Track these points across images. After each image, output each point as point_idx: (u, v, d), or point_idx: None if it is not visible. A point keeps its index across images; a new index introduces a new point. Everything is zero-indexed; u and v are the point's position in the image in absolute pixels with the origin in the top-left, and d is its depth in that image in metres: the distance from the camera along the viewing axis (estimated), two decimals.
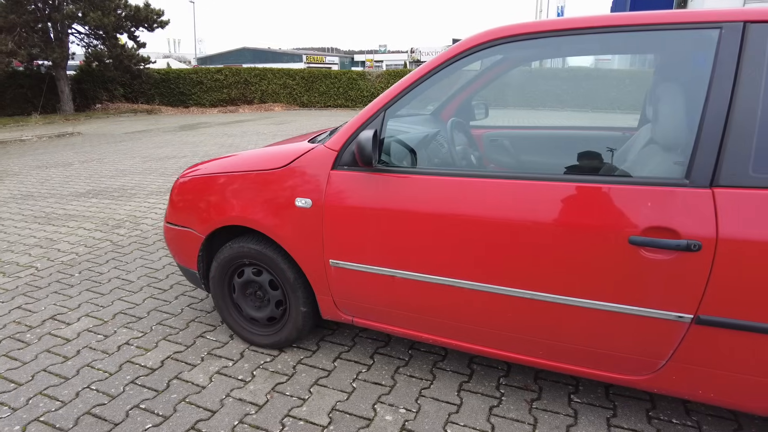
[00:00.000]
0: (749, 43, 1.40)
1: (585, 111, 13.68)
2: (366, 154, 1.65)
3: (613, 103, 13.37)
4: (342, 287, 1.97)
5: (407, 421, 1.82)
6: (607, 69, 15.86)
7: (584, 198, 1.52)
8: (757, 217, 1.35)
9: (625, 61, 15.15)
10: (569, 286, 1.57)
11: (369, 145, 1.64)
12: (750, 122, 1.37)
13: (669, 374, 1.57)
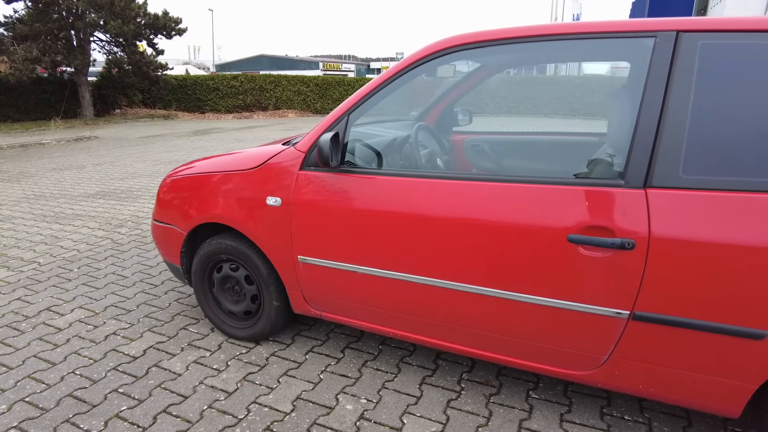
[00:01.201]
0: (681, 52, 1.46)
1: (587, 117, 13.68)
2: (324, 155, 1.76)
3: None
4: (310, 282, 2.07)
5: (366, 411, 1.90)
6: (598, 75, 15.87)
7: (527, 198, 1.60)
8: (687, 216, 1.41)
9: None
10: (514, 282, 1.64)
11: (327, 147, 1.74)
12: (680, 126, 1.44)
13: (611, 369, 1.62)
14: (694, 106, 1.43)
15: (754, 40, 1.41)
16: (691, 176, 1.42)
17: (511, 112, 12.88)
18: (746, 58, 1.41)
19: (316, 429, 1.80)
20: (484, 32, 1.73)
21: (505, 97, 12.92)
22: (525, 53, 1.88)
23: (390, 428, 1.81)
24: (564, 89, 15.73)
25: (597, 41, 1.61)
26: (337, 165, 1.85)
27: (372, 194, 1.82)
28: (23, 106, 15.94)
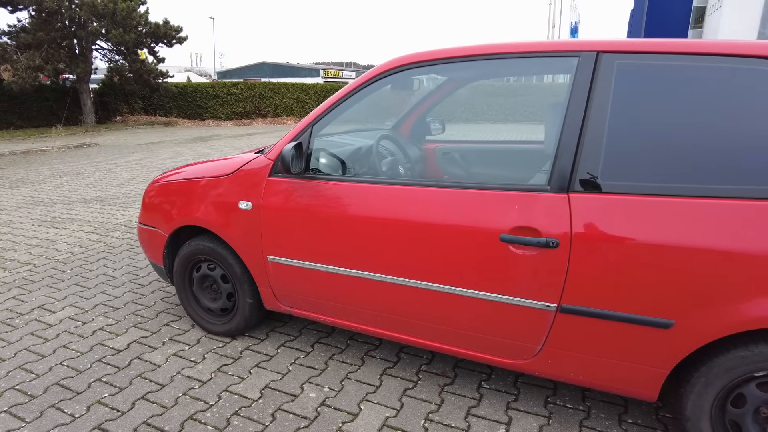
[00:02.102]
0: (600, 70, 1.64)
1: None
2: (286, 163, 1.93)
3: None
4: (279, 280, 2.24)
5: (327, 398, 2.06)
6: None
7: (467, 202, 1.77)
8: (604, 217, 1.58)
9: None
10: (457, 278, 1.80)
11: (288, 155, 1.92)
12: (599, 136, 1.60)
13: (545, 358, 1.78)
14: (611, 118, 1.60)
15: (662, 60, 1.58)
16: (609, 181, 1.59)
17: (481, 119, 13.16)
18: (654, 76, 1.58)
19: (280, 414, 1.96)
20: (433, 51, 1.91)
21: (474, 106, 13.19)
22: (471, 70, 2.05)
23: (347, 413, 1.97)
24: (532, 97, 15.86)
25: (531, 60, 1.79)
26: (300, 172, 2.02)
27: (331, 199, 1.99)
28: (26, 113, 16.21)
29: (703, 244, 1.47)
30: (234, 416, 1.95)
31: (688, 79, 1.56)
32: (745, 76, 1.50)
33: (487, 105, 13.98)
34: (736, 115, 1.51)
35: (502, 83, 14.50)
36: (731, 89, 1.51)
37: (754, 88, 1.49)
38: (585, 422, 1.92)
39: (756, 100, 1.49)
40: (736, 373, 1.53)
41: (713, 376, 1.56)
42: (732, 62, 1.51)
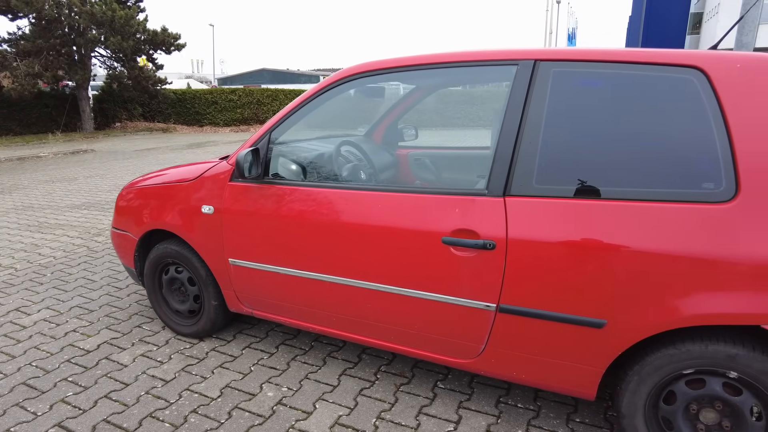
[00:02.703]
0: (537, 78, 1.70)
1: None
2: (240, 168, 2.00)
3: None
4: (240, 283, 2.30)
5: (285, 397, 2.11)
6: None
7: (412, 205, 1.83)
8: (539, 220, 1.64)
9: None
10: (403, 278, 1.86)
11: (242, 160, 1.99)
12: (534, 142, 1.67)
13: (489, 358, 1.83)
14: (546, 124, 1.67)
15: (593, 68, 1.64)
16: (543, 186, 1.65)
17: (454, 126, 13.24)
18: (585, 84, 1.65)
19: (236, 412, 2.02)
20: (384, 61, 1.98)
21: (445, 113, 13.28)
22: (419, 79, 2.12)
23: (302, 412, 2.02)
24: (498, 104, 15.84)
25: (474, 68, 1.86)
26: (257, 176, 2.09)
27: (286, 203, 2.06)
28: (25, 119, 16.37)
29: (630, 245, 1.53)
30: (192, 414, 2.01)
31: (616, 86, 1.62)
32: (668, 84, 1.56)
33: (459, 112, 14.05)
34: (659, 120, 1.57)
35: (471, 91, 14.55)
36: (654, 96, 1.57)
37: (675, 95, 1.55)
38: (533, 421, 1.97)
39: (676, 108, 1.55)
40: (666, 371, 1.59)
41: (645, 374, 1.61)
42: (655, 70, 1.58)
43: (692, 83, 1.54)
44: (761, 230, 1.42)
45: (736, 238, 1.44)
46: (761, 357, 1.47)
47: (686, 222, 1.48)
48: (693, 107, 1.53)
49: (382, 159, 3.09)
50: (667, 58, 1.57)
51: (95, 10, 14.93)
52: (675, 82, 1.56)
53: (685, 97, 1.54)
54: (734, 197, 1.45)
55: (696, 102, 1.52)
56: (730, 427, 1.58)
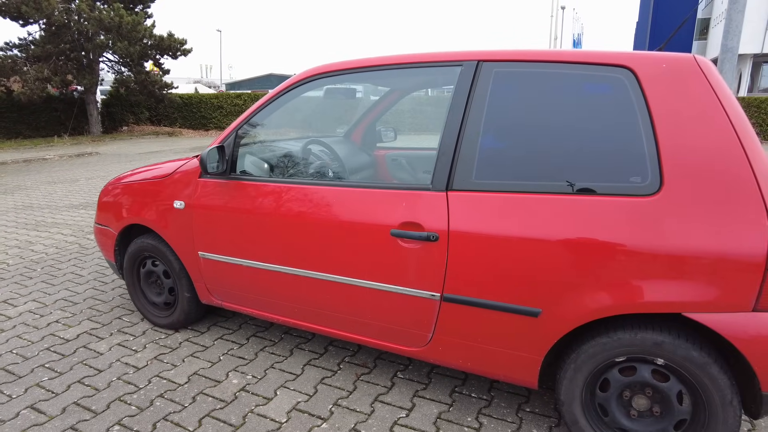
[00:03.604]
0: (479, 78, 1.79)
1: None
2: (203, 164, 2.11)
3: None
4: (209, 275, 2.40)
5: (248, 384, 2.20)
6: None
7: (365, 200, 1.91)
8: (477, 213, 1.72)
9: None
10: (356, 269, 1.95)
11: (205, 157, 2.10)
12: (475, 139, 1.75)
13: (437, 346, 1.91)
14: (486, 122, 1.75)
15: (531, 68, 1.73)
16: (482, 180, 1.73)
17: (428, 130, 13.32)
18: (524, 82, 1.73)
19: (200, 397, 2.11)
20: (340, 63, 2.08)
21: (420, 116, 13.38)
22: (373, 80, 2.21)
23: (263, 398, 2.11)
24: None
25: (422, 69, 1.95)
26: (221, 172, 2.19)
27: (249, 197, 2.15)
28: (34, 123, 16.67)
29: (562, 237, 1.60)
30: (158, 398, 2.10)
31: (552, 85, 1.70)
32: (600, 83, 1.64)
33: (432, 114, 14.19)
34: (592, 117, 1.64)
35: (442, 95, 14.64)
36: (587, 95, 1.65)
37: (606, 93, 1.63)
38: (484, 410, 2.04)
39: (607, 105, 1.62)
40: (599, 359, 1.65)
41: (581, 362, 1.68)
42: (589, 70, 1.65)
43: (622, 82, 1.61)
44: (682, 222, 1.49)
45: (659, 230, 1.51)
46: (685, 344, 1.53)
47: (615, 214, 1.56)
48: (623, 105, 1.60)
49: (359, 158, 3.18)
50: (600, 58, 1.65)
51: (103, 16, 15.21)
52: (607, 81, 1.64)
53: (616, 95, 1.62)
54: (658, 190, 1.53)
55: (625, 100, 1.60)
56: (659, 412, 1.64)
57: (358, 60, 2.04)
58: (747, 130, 1.50)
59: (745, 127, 1.50)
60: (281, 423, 1.95)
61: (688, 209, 1.49)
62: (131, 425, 1.93)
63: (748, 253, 1.43)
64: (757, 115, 16.02)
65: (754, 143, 1.49)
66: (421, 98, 13.71)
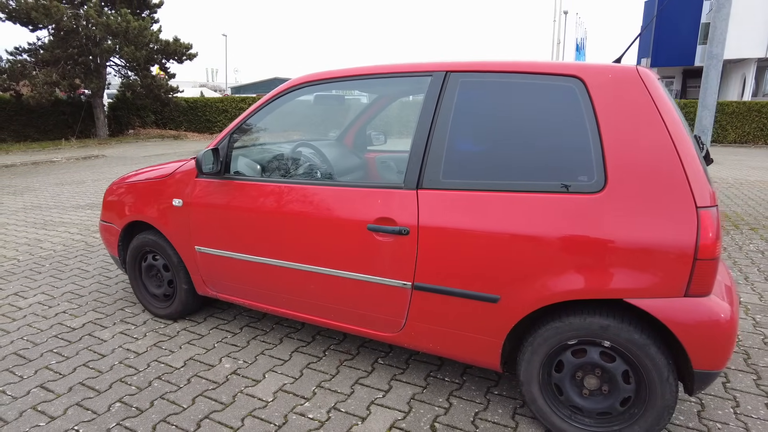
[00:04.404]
0: (447, 87, 1.97)
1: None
2: (198, 165, 2.30)
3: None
4: (205, 268, 2.59)
5: (239, 368, 2.39)
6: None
7: (345, 198, 2.10)
8: (444, 209, 1.90)
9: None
10: (337, 261, 2.13)
11: (200, 158, 2.29)
12: (442, 142, 1.93)
13: (410, 331, 2.09)
14: (452, 127, 1.93)
15: (495, 78, 1.91)
16: (449, 180, 1.91)
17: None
18: (485, 91, 1.91)
19: (194, 379, 2.29)
20: (323, 72, 2.27)
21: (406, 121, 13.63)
22: (356, 88, 2.39)
23: (251, 380, 2.29)
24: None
25: (399, 78, 2.14)
26: (216, 172, 2.38)
27: (241, 195, 2.34)
28: (43, 126, 17.00)
29: (518, 230, 1.78)
30: (156, 380, 2.29)
31: (511, 93, 1.88)
32: (554, 91, 1.82)
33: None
34: (546, 122, 1.82)
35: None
36: (542, 102, 1.83)
37: (559, 101, 1.80)
38: (455, 392, 2.21)
39: (560, 112, 1.80)
40: (553, 342, 1.83)
41: (537, 345, 1.85)
42: (544, 79, 1.83)
43: (573, 90, 1.79)
44: (623, 217, 1.66)
45: (603, 224, 1.68)
46: (628, 327, 1.70)
47: (564, 210, 1.73)
48: (573, 111, 1.78)
49: (349, 161, 3.37)
50: (554, 69, 1.83)
51: (110, 21, 15.53)
52: (559, 89, 1.81)
53: (567, 103, 1.79)
54: (603, 188, 1.70)
55: (575, 107, 1.78)
56: (608, 390, 1.81)
57: (341, 70, 2.23)
58: (681, 134, 1.67)
59: (679, 130, 1.67)
60: (267, 402, 2.13)
61: (628, 205, 1.66)
62: (131, 402, 2.12)
63: (680, 245, 1.60)
64: (758, 120, 16.11)
65: (687, 145, 1.66)
66: (411, 104, 13.95)
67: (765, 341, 2.69)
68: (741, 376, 2.36)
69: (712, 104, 5.41)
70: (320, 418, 2.02)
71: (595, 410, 1.83)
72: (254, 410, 2.07)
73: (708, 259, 1.60)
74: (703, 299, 1.64)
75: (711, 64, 5.36)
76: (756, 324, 2.90)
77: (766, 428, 1.98)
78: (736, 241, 4.65)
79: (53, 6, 14.64)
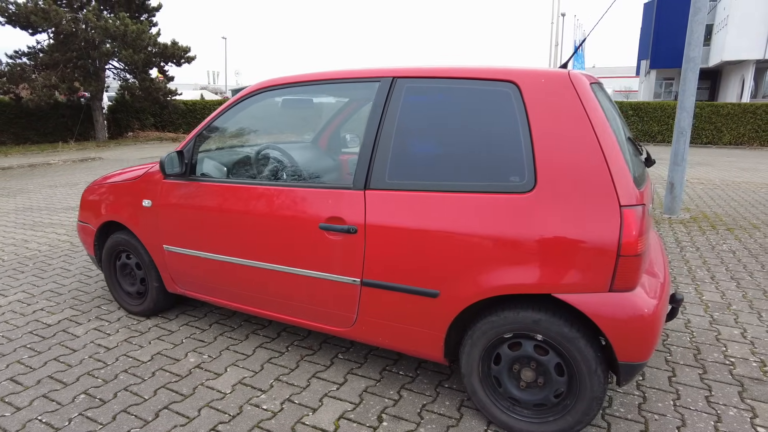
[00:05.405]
0: (393, 92, 2.06)
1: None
2: (162, 167, 2.40)
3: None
4: (173, 266, 2.68)
5: (203, 363, 2.48)
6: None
7: (299, 198, 2.19)
8: (388, 209, 1.99)
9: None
10: (291, 259, 2.22)
11: (163, 160, 2.39)
12: (388, 145, 2.02)
13: (361, 326, 2.17)
14: (397, 130, 2.02)
15: (437, 84, 2.00)
16: (394, 180, 2.00)
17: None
18: (431, 96, 2.00)
19: (159, 372, 2.39)
20: (283, 78, 2.37)
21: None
22: (313, 93, 2.49)
23: (214, 373, 2.38)
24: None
25: (351, 84, 2.23)
26: (180, 174, 2.48)
27: (203, 196, 2.44)
28: (42, 129, 17.18)
29: (455, 228, 1.87)
30: (122, 373, 2.38)
31: (450, 98, 1.97)
32: (490, 95, 1.90)
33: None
34: (482, 125, 1.91)
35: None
36: (479, 106, 1.92)
37: (495, 105, 1.89)
38: (407, 385, 2.30)
39: (495, 115, 1.89)
40: (491, 335, 1.91)
41: (476, 338, 1.94)
42: (481, 84, 1.92)
43: (508, 95, 1.88)
44: (551, 215, 1.75)
45: (532, 222, 1.77)
46: (558, 321, 1.79)
47: (497, 209, 1.82)
48: (508, 114, 1.87)
49: (322, 163, 3.46)
50: (491, 74, 1.92)
51: (109, 25, 15.70)
52: (496, 94, 1.90)
53: (502, 106, 1.88)
54: (533, 188, 1.79)
55: (510, 110, 1.87)
56: (543, 383, 1.89)
57: (297, 75, 2.32)
58: (607, 136, 1.75)
59: (605, 133, 1.76)
60: (225, 393, 2.22)
61: (556, 204, 1.75)
62: (95, 394, 2.21)
63: (603, 242, 1.69)
64: (753, 121, 16.14)
65: (613, 147, 1.74)
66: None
67: (718, 338, 2.77)
68: (688, 370, 2.44)
69: (690, 106, 5.48)
70: (273, 409, 2.11)
71: (532, 402, 1.92)
72: (212, 401, 2.16)
73: (631, 256, 1.68)
74: (627, 294, 1.72)
75: (688, 67, 5.44)
76: (713, 321, 2.98)
77: (701, 419, 2.06)
78: (711, 241, 4.72)
79: (52, 10, 14.81)
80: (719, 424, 2.02)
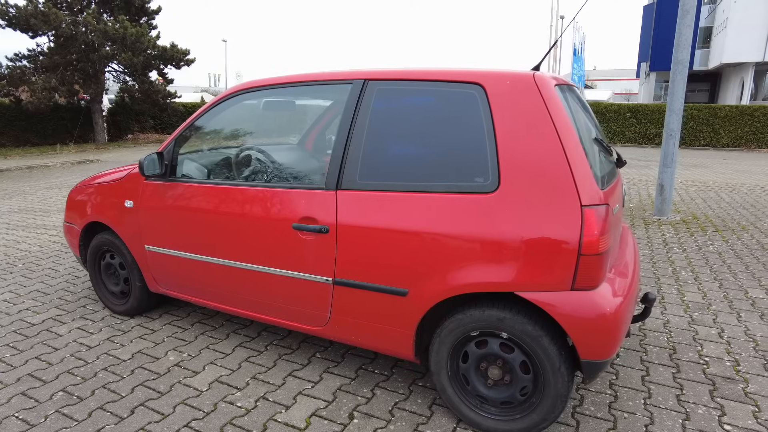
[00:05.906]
0: (365, 94, 2.10)
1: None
2: (141, 169, 2.44)
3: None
4: (154, 266, 2.72)
5: (182, 361, 2.51)
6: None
7: (273, 198, 2.23)
8: (359, 209, 2.02)
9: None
10: (266, 258, 2.25)
11: (142, 162, 2.43)
12: (359, 146, 2.06)
13: (334, 324, 2.21)
14: (369, 131, 2.06)
15: (407, 86, 2.03)
16: (364, 181, 2.03)
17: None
18: (401, 98, 2.04)
19: (138, 370, 2.42)
20: (259, 80, 2.41)
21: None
22: (288, 95, 2.52)
23: (192, 371, 2.41)
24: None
25: (324, 86, 2.27)
26: (159, 175, 2.52)
27: (182, 197, 2.48)
28: (42, 131, 17.28)
29: (422, 228, 1.90)
30: (102, 371, 2.42)
31: (419, 100, 2.00)
32: (456, 97, 1.94)
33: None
34: (449, 127, 1.94)
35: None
36: (446, 107, 1.95)
37: (461, 107, 1.92)
38: (381, 384, 2.33)
39: (462, 116, 1.92)
40: (458, 333, 1.94)
41: (444, 336, 1.97)
42: (448, 86, 1.95)
43: (474, 96, 1.91)
44: (514, 215, 1.78)
45: (496, 222, 1.80)
46: (522, 319, 1.82)
47: (462, 209, 1.85)
48: (474, 116, 1.90)
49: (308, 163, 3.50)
50: (458, 76, 1.95)
51: (108, 28, 15.80)
52: (462, 96, 1.94)
53: (469, 108, 1.91)
54: (497, 189, 1.82)
55: (476, 112, 1.90)
56: (509, 381, 1.92)
57: (276, 78, 2.36)
58: (570, 137, 1.78)
59: (569, 134, 1.79)
60: (201, 391, 2.25)
61: (519, 204, 1.78)
62: (73, 392, 2.25)
63: (566, 241, 1.72)
64: (751, 124, 16.15)
65: (575, 148, 1.77)
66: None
67: (695, 337, 2.79)
68: (661, 369, 2.46)
69: (679, 108, 5.51)
70: (247, 407, 2.14)
71: (499, 399, 1.94)
72: (187, 398, 2.19)
73: (592, 255, 1.71)
74: (589, 293, 1.75)
75: (677, 70, 5.47)
76: (691, 321, 3.00)
77: (669, 417, 2.09)
78: (698, 242, 4.74)
79: (52, 13, 14.92)
80: (687, 423, 2.05)
